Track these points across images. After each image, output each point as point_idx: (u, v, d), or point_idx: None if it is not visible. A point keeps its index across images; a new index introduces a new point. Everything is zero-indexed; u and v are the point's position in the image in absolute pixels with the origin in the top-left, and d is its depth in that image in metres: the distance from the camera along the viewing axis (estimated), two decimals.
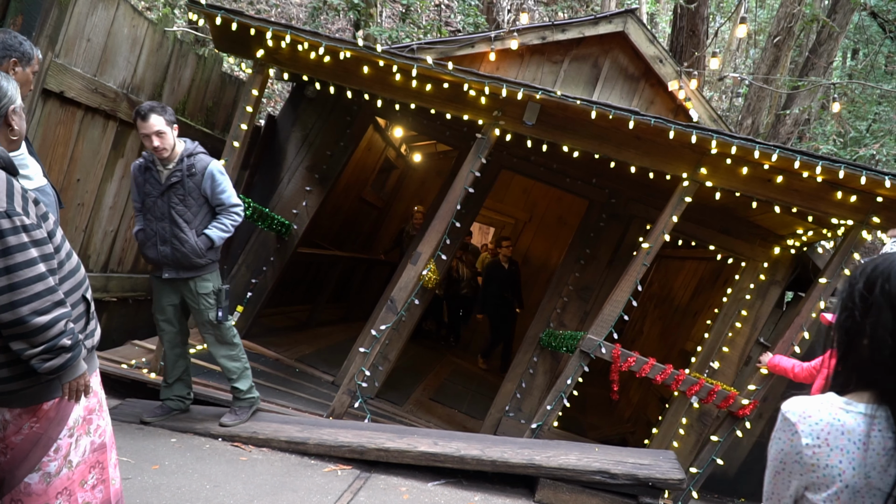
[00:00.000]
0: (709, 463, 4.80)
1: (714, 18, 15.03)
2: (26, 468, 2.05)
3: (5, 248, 1.86)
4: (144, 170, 4.08)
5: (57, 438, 2.10)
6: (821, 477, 1.24)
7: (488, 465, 4.40)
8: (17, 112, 2.09)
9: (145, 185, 4.07)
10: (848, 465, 1.22)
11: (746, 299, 5.99)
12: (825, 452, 1.24)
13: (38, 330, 1.93)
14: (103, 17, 4.53)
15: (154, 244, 4.10)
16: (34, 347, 1.94)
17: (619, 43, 6.39)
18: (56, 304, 1.98)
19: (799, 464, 1.27)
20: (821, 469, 1.24)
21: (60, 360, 2.00)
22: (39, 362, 1.96)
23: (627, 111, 4.45)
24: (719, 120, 6.45)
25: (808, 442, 1.26)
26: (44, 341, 1.95)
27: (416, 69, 4.67)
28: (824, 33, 11.34)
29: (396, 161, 9.80)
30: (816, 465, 1.25)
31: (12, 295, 1.88)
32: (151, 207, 4.08)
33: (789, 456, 1.29)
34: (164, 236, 4.08)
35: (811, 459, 1.25)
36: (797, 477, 1.29)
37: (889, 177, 4.16)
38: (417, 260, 4.94)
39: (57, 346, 1.98)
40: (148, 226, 4.11)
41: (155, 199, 4.06)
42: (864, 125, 13.62)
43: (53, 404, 2.09)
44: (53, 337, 1.97)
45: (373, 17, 10.71)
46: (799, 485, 1.29)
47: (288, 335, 7.28)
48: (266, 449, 4.34)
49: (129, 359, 5.08)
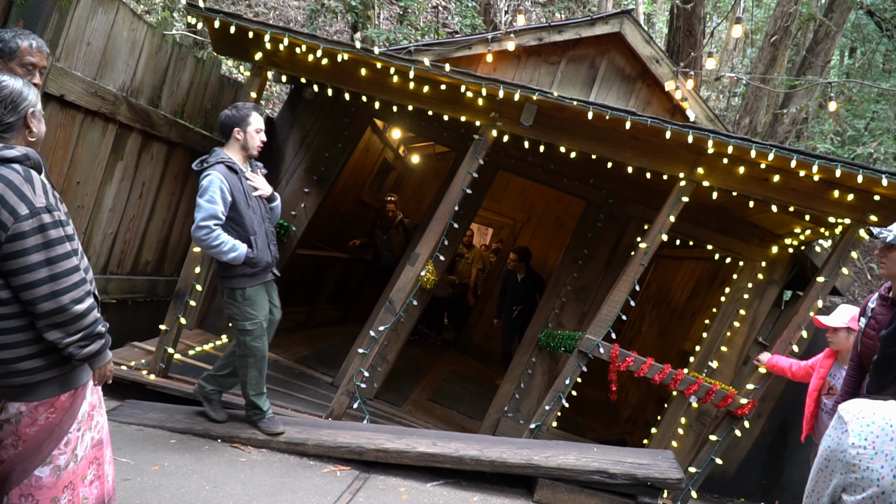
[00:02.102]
0: (707, 462, 4.82)
1: (711, 18, 15.06)
2: (38, 460, 2.10)
3: (47, 240, 2.00)
4: (238, 176, 4.08)
5: (68, 431, 2.17)
6: (859, 479, 1.25)
7: (487, 466, 4.41)
8: (37, 116, 2.16)
9: (242, 189, 4.07)
10: (889, 471, 1.21)
11: (744, 299, 6.00)
12: (869, 455, 1.24)
13: (77, 317, 2.07)
14: (103, 21, 4.55)
15: (266, 245, 4.16)
16: (72, 335, 2.07)
17: (616, 44, 6.41)
18: (88, 293, 2.13)
19: (842, 462, 1.28)
20: (861, 471, 1.24)
21: (96, 346, 2.15)
22: (77, 349, 2.09)
23: (624, 112, 4.47)
24: (716, 120, 6.47)
25: (855, 442, 1.26)
26: (82, 328, 2.09)
27: (414, 71, 4.69)
28: (821, 32, 11.36)
29: (394, 162, 9.81)
30: (858, 465, 1.25)
31: (54, 285, 2.01)
32: (255, 209, 4.13)
33: (835, 454, 1.30)
34: (270, 237, 4.21)
35: (854, 459, 1.26)
36: (838, 476, 1.29)
37: (886, 175, 4.18)
38: (416, 261, 4.95)
39: (94, 332, 2.13)
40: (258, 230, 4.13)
41: (256, 201, 4.16)
42: (862, 124, 13.64)
43: (69, 396, 2.17)
44: (90, 324, 2.12)
45: (370, 20, 10.73)
46: (838, 484, 1.29)
47: (286, 336, 7.29)
48: (265, 450, 4.35)
49: (128, 360, 5.09)
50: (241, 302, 4.13)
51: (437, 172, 10.62)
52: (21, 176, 1.98)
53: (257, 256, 4.06)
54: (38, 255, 1.98)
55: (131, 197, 5.43)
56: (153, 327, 5.29)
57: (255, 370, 4.25)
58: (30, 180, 2.00)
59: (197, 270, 4.97)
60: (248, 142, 4.14)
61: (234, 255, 3.93)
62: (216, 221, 3.91)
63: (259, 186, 4.21)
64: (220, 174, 3.94)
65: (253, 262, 4.05)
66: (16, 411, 2.07)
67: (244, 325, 4.15)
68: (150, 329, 5.75)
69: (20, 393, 2.06)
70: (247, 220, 4.05)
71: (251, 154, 4.20)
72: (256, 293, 4.16)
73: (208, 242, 3.88)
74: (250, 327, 4.15)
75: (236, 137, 4.12)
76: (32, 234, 1.97)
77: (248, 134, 4.12)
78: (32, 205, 1.97)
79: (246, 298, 4.13)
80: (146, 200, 5.64)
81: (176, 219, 6.15)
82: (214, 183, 3.90)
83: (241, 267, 4.03)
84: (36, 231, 1.98)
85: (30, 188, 1.99)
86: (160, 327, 4.97)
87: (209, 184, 3.91)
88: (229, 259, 3.94)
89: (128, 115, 4.99)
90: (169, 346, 4.94)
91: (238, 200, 4.01)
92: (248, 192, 4.11)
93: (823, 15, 11.20)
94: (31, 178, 2.01)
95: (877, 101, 13.78)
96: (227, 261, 3.95)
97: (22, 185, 1.97)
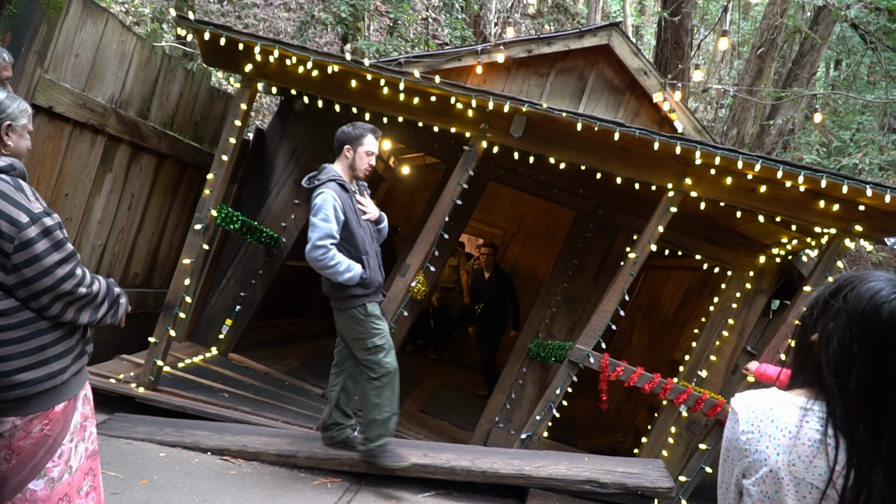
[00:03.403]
0: (697, 471, 4.83)
1: (698, 30, 15.21)
2: (32, 473, 2.08)
3: (55, 241, 2.06)
4: (349, 196, 4.05)
5: (62, 443, 2.15)
6: (752, 462, 1.36)
7: (478, 476, 4.40)
8: (16, 130, 2.14)
9: (353, 208, 4.04)
10: (773, 451, 1.32)
11: (733, 308, 6.04)
12: (756, 438, 1.35)
13: (98, 295, 2.22)
14: (92, 33, 4.55)
15: (377, 266, 4.11)
16: (102, 308, 2.26)
17: (604, 56, 6.47)
18: (94, 277, 2.25)
19: (737, 450, 1.39)
20: (752, 454, 1.36)
21: (122, 308, 2.38)
22: (112, 317, 2.32)
23: (613, 123, 4.51)
24: (704, 131, 6.53)
25: (745, 429, 1.38)
26: (105, 300, 2.27)
27: (404, 83, 4.71)
28: (807, 44, 11.50)
29: (385, 173, 9.82)
30: (748, 450, 1.36)
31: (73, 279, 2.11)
32: (365, 228, 4.10)
33: (731, 443, 1.42)
34: (378, 258, 4.15)
35: (745, 445, 1.37)
36: (736, 463, 1.40)
37: (870, 185, 4.23)
38: (406, 272, 4.96)
39: (114, 297, 2.33)
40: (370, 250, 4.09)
41: (364, 223, 4.12)
42: (848, 135, 13.79)
43: (63, 407, 2.15)
44: (107, 293, 2.28)
45: (360, 31, 10.78)
46: (738, 471, 1.40)
47: (277, 348, 7.27)
48: (256, 462, 4.33)
49: (117, 373, 5.06)
50: (365, 318, 4.03)
51: (428, 183, 10.63)
52: (10, 185, 1.99)
53: (370, 277, 4.00)
54: (50, 257, 2.03)
55: (120, 209, 5.42)
56: (142, 340, 5.26)
57: (390, 389, 4.11)
58: (20, 188, 2.02)
59: (186, 282, 4.95)
60: (356, 162, 4.07)
61: (349, 275, 3.84)
62: (332, 241, 3.82)
63: (368, 210, 4.16)
64: (333, 192, 3.87)
65: (366, 282, 3.98)
66: (10, 425, 2.05)
67: (373, 340, 4.04)
68: (140, 342, 5.71)
69: (16, 406, 2.04)
70: (359, 240, 3.99)
71: (357, 175, 4.13)
72: (376, 308, 4.09)
73: (325, 263, 3.78)
74: (380, 342, 4.06)
75: (346, 155, 4.07)
76: (40, 239, 2.00)
77: (358, 154, 4.06)
78: (31, 212, 1.99)
79: (369, 314, 4.04)
80: (135, 212, 5.63)
81: (165, 231, 6.14)
82: (328, 201, 3.83)
83: (354, 287, 3.95)
84: (42, 235, 2.01)
85: (23, 196, 2.00)
86: (149, 340, 4.96)
87: (323, 202, 3.83)
88: (344, 280, 3.84)
89: (117, 127, 4.98)
90: (158, 358, 4.91)
91: (350, 220, 3.94)
92: (358, 211, 4.06)
93: (809, 28, 11.35)
94: (20, 186, 2.02)
95: (862, 113, 13.94)
96: (342, 281, 3.86)
97: (14, 194, 1.98)
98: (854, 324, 1.30)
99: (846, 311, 1.32)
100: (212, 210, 5.02)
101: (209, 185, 5.02)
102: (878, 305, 1.29)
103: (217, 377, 5.63)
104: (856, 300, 1.32)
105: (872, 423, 1.25)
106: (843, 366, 1.30)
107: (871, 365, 1.26)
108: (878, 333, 1.27)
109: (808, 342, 1.40)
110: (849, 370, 1.29)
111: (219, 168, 5.02)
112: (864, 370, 1.27)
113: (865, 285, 1.33)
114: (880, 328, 1.27)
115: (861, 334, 1.29)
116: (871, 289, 1.32)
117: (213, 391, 5.32)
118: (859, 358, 1.28)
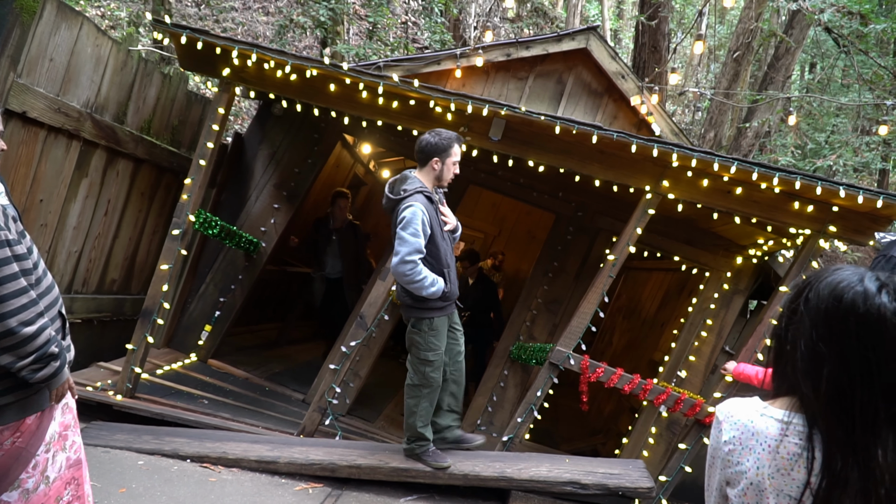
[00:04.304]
0: (678, 471, 4.86)
1: (675, 34, 15.36)
2: (5, 485, 2.05)
3: None
4: (434, 206, 4.04)
5: (35, 454, 2.11)
6: (734, 473, 1.36)
7: (460, 479, 4.41)
8: None
9: (438, 220, 4.02)
10: (754, 464, 1.32)
11: (711, 309, 6.10)
12: (738, 451, 1.36)
13: (27, 340, 1.97)
14: (66, 37, 4.51)
15: (456, 278, 4.12)
16: (24, 358, 1.98)
17: (583, 59, 6.51)
18: (39, 314, 2.03)
19: (720, 459, 1.40)
20: (734, 466, 1.36)
21: (51, 368, 2.05)
22: (31, 373, 2.00)
23: (591, 126, 4.54)
24: (681, 134, 6.59)
25: (727, 439, 1.38)
26: (33, 350, 1.99)
27: (383, 86, 4.71)
28: (782, 48, 11.66)
29: (365, 177, 9.82)
30: (731, 461, 1.37)
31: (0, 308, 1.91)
32: (447, 240, 4.09)
33: (716, 451, 1.43)
34: (455, 267, 4.14)
35: (728, 456, 1.38)
36: (719, 471, 1.41)
37: (843, 186, 4.29)
38: (387, 276, 4.95)
39: (46, 353, 2.02)
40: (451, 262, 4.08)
41: (446, 234, 4.12)
42: (823, 137, 14.00)
43: (35, 418, 2.11)
44: (42, 345, 2.01)
45: (340, 35, 10.77)
46: (721, 478, 1.41)
47: (258, 354, 7.22)
48: (236, 469, 4.30)
49: (94, 381, 5.00)
50: (427, 332, 4.07)
51: None
52: None
53: (451, 290, 4.03)
54: None
55: (96, 214, 5.36)
56: (120, 347, 5.21)
57: (427, 402, 4.21)
58: None
59: (165, 288, 4.91)
60: (443, 174, 4.08)
61: (433, 290, 3.86)
62: (420, 255, 3.83)
63: (449, 220, 4.15)
64: (422, 206, 3.87)
65: (446, 295, 4.00)
66: None
67: (426, 355, 4.09)
68: (117, 349, 5.65)
69: None
70: (442, 253, 4.00)
71: (442, 185, 4.14)
72: (442, 324, 4.12)
73: (412, 277, 3.79)
74: (432, 358, 4.10)
75: (433, 166, 4.05)
76: None
77: (447, 166, 4.06)
78: None
79: (433, 329, 4.07)
80: (112, 218, 5.57)
81: (143, 236, 6.08)
82: (417, 216, 3.82)
83: (433, 301, 3.98)
84: None
85: None
86: (127, 347, 4.90)
87: (412, 216, 3.82)
88: (427, 294, 3.86)
89: (92, 132, 4.93)
90: (136, 365, 4.86)
91: (435, 233, 3.95)
92: (441, 223, 4.05)
93: (784, 31, 11.51)
94: None
95: (836, 115, 14.17)
96: (426, 296, 3.88)
97: None
98: (818, 323, 1.29)
99: (808, 311, 1.31)
100: (190, 215, 4.98)
101: (187, 189, 4.98)
102: (838, 297, 1.27)
103: (196, 384, 5.58)
104: (816, 299, 1.31)
105: (845, 417, 1.24)
106: (814, 368, 1.28)
107: (842, 360, 1.25)
108: (842, 325, 1.26)
109: (784, 352, 1.38)
110: (820, 371, 1.27)
111: (197, 173, 4.99)
112: (834, 368, 1.25)
113: (824, 282, 1.32)
114: (843, 318, 1.26)
115: (827, 332, 1.28)
116: (830, 283, 1.30)
117: (193, 398, 5.27)
118: (828, 356, 1.26)
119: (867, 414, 1.23)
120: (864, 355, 1.24)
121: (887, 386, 1.23)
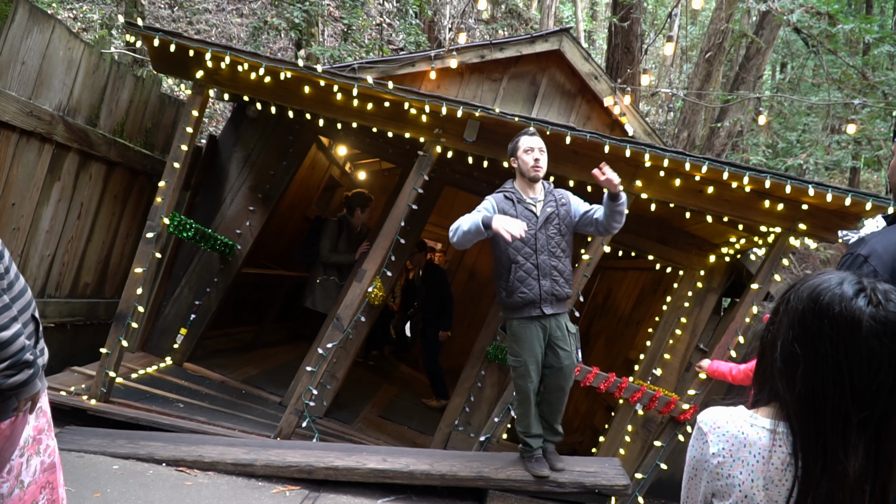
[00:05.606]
0: (653, 468, 4.93)
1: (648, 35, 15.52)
2: None
3: None
4: (514, 203, 4.05)
5: (10, 458, 2.09)
6: (724, 486, 1.34)
7: (437, 480, 4.43)
8: None
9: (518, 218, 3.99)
10: (747, 476, 1.31)
11: (685, 307, 6.18)
12: (728, 463, 1.33)
13: (1, 345, 1.91)
14: (38, 40, 4.46)
15: (536, 278, 4.04)
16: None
17: (556, 61, 6.56)
18: (13, 319, 1.97)
19: (707, 471, 1.37)
20: (724, 478, 1.34)
21: (24, 375, 1.98)
22: (3, 378, 1.94)
23: (564, 127, 4.59)
24: (654, 134, 6.67)
25: (715, 451, 1.35)
26: (8, 356, 1.93)
27: (357, 88, 4.72)
28: (753, 49, 11.84)
29: (341, 179, 9.80)
30: (721, 474, 1.34)
31: None
32: (528, 241, 4.04)
33: (700, 463, 1.40)
34: (544, 269, 4.06)
35: (717, 469, 1.35)
36: (705, 483, 1.38)
37: (812, 185, 4.38)
38: (363, 277, 4.96)
39: (21, 360, 1.96)
40: (527, 260, 4.05)
41: (533, 233, 4.06)
42: (794, 136, 14.23)
43: (9, 423, 2.08)
44: (17, 352, 1.95)
45: (314, 37, 10.74)
46: (706, 490, 1.38)
47: (234, 357, 7.18)
48: (212, 473, 4.28)
49: (67, 386, 4.95)
50: (508, 336, 4.13)
51: (384, 188, 10.61)
52: None
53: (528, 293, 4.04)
54: None
55: (69, 218, 5.31)
56: (94, 351, 5.16)
57: (521, 408, 4.26)
58: None
59: (139, 292, 4.87)
60: (521, 166, 4.14)
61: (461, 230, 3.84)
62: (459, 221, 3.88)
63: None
64: (491, 198, 4.06)
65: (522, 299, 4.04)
66: None
67: (510, 359, 4.17)
68: (91, 353, 5.60)
69: None
70: (511, 249, 4.05)
71: (531, 177, 4.13)
72: (523, 331, 4.08)
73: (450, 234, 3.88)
74: (513, 363, 4.14)
75: (513, 166, 4.19)
76: None
77: (520, 159, 4.13)
78: None
79: (512, 333, 4.09)
80: (85, 221, 5.51)
81: (116, 240, 6.03)
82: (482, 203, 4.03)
83: (510, 301, 4.04)
84: None
85: None
86: (101, 351, 4.86)
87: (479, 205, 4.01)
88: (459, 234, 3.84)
89: (65, 135, 4.88)
90: (110, 369, 4.82)
91: None
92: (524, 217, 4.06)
93: (754, 32, 11.68)
94: None
95: (807, 115, 14.40)
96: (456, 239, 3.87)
97: None
98: (795, 324, 1.29)
99: (787, 313, 1.32)
100: (164, 218, 4.95)
101: (161, 192, 4.95)
102: (815, 299, 1.27)
103: (172, 387, 5.54)
104: (796, 301, 1.31)
105: (817, 420, 1.24)
106: (789, 370, 1.28)
107: (815, 363, 1.25)
108: (817, 326, 1.26)
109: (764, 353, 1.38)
110: (795, 373, 1.27)
111: (171, 175, 4.96)
112: (807, 370, 1.26)
113: (806, 284, 1.32)
114: (818, 320, 1.26)
115: (803, 333, 1.28)
116: (811, 285, 1.30)
117: (168, 401, 5.24)
118: (803, 358, 1.27)
119: (837, 418, 1.23)
120: (837, 359, 1.23)
121: (858, 391, 1.22)
